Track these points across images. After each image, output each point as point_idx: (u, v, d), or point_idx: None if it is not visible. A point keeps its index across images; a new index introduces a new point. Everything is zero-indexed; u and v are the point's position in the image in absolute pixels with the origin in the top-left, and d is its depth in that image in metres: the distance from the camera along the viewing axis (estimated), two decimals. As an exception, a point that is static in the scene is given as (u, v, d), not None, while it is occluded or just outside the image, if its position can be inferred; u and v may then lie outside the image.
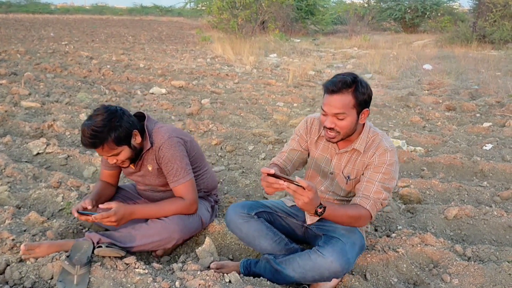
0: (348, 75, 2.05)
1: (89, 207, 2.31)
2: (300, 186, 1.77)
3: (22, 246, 2.26)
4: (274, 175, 1.79)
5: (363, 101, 2.05)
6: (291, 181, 1.78)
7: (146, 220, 2.43)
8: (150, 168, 2.49)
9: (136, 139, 2.36)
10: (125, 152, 2.32)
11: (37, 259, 2.27)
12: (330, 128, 2.09)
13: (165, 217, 2.40)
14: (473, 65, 10.53)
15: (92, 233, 2.33)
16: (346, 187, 2.30)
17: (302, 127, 2.42)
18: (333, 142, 2.18)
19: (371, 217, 2.09)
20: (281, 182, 1.78)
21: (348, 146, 2.24)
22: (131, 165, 2.50)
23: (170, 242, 2.39)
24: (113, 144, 2.23)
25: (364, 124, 2.21)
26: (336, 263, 1.99)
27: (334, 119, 2.06)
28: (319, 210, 1.89)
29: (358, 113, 2.08)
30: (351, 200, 2.23)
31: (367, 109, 2.11)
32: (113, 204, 2.24)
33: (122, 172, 2.70)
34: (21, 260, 2.29)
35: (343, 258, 2.02)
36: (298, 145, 2.41)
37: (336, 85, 2.01)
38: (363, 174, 2.21)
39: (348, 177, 2.27)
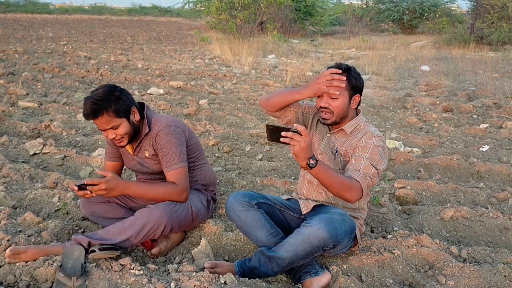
0: (343, 64, 2.30)
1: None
2: (297, 131, 1.86)
3: (7, 251, 2.22)
4: (272, 126, 1.90)
5: (355, 86, 2.27)
6: (288, 129, 1.87)
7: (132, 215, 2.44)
8: (147, 154, 2.56)
9: (135, 116, 2.45)
10: (124, 126, 2.39)
11: (27, 262, 2.23)
12: (324, 108, 2.26)
13: (154, 201, 2.44)
14: (470, 66, 10.55)
15: (79, 236, 2.30)
16: (334, 165, 2.37)
17: (314, 105, 2.55)
18: (327, 124, 2.35)
19: (362, 190, 2.12)
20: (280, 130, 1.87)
21: (338, 129, 2.40)
22: (129, 148, 2.58)
23: (159, 228, 2.38)
24: (113, 114, 2.32)
25: (356, 112, 2.41)
26: (324, 229, 2.05)
27: (328, 99, 2.25)
28: (312, 162, 1.95)
29: (350, 97, 2.27)
30: None
31: (359, 95, 2.31)
32: (109, 173, 2.31)
33: (124, 165, 2.76)
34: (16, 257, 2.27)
35: (330, 225, 2.07)
36: (299, 106, 2.52)
37: (333, 67, 2.26)
38: (351, 156, 2.29)
39: (336, 151, 2.37)
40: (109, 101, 2.30)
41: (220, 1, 18.32)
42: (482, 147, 4.54)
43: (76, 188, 2.26)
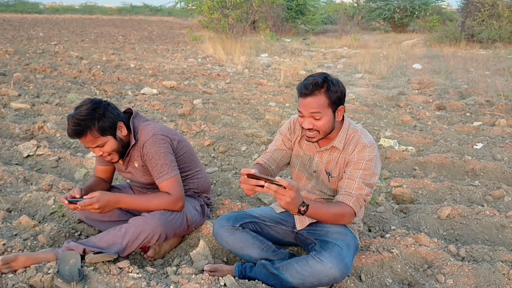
0: (319, 75, 2.10)
1: (78, 196, 2.30)
2: (281, 185, 1.79)
3: None
4: (254, 176, 1.80)
5: (336, 99, 2.10)
6: (272, 181, 1.80)
7: (126, 221, 2.40)
8: (136, 165, 2.49)
9: (122, 131, 2.37)
10: (110, 144, 2.32)
11: (16, 272, 2.18)
12: (308, 129, 2.13)
13: (149, 212, 2.38)
14: (462, 64, 10.62)
15: (72, 243, 2.26)
16: (330, 185, 2.31)
17: (286, 126, 2.44)
18: (313, 142, 2.22)
19: (355, 214, 2.12)
20: (262, 182, 1.80)
21: (328, 144, 2.27)
22: (120, 161, 2.51)
23: (153, 237, 2.35)
24: (97, 133, 2.25)
25: (343, 121, 2.25)
26: (336, 268, 2.00)
27: (311, 120, 2.11)
28: (302, 209, 1.91)
29: (334, 111, 2.12)
30: None
31: (342, 106, 2.15)
32: (96, 193, 2.24)
33: (116, 170, 2.69)
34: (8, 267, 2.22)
35: (342, 263, 2.03)
36: (283, 144, 2.43)
37: (308, 88, 2.06)
38: (344, 171, 2.22)
39: (329, 174, 2.29)
40: (92, 120, 2.21)
41: (212, 0, 18.27)
42: (476, 145, 4.56)
43: (66, 202, 2.23)
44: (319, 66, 11.08)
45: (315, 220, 2.34)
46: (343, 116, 2.25)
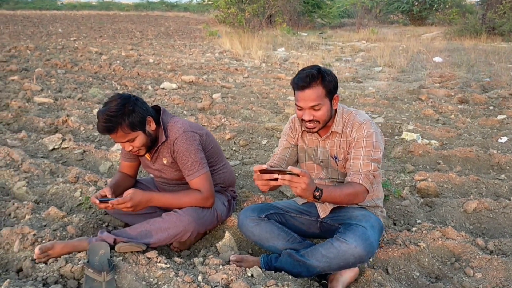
0: (312, 67, 2.17)
1: (109, 195, 2.33)
2: (294, 174, 1.83)
3: (36, 250, 2.22)
4: (266, 170, 1.85)
5: (332, 88, 2.18)
6: (284, 172, 1.84)
7: (160, 214, 2.43)
8: (165, 162, 2.50)
9: (151, 126, 2.38)
10: (140, 138, 2.33)
11: (56, 258, 2.24)
12: (309, 121, 2.19)
13: (180, 209, 2.40)
14: (483, 57, 10.43)
15: (105, 233, 2.30)
16: (339, 169, 2.36)
17: (287, 126, 2.53)
18: (314, 132, 2.29)
19: (367, 191, 2.16)
20: (275, 175, 1.84)
21: (328, 132, 2.34)
22: (147, 155, 2.53)
23: (185, 234, 2.37)
24: (128, 128, 2.25)
25: (336, 108, 2.31)
26: (360, 247, 2.03)
27: (311, 111, 2.17)
28: (317, 194, 1.96)
29: (331, 100, 2.20)
30: None
31: (337, 94, 2.23)
32: (130, 191, 2.27)
33: (141, 165, 2.72)
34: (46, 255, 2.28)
35: (367, 241, 2.05)
36: (288, 143, 2.50)
37: (305, 80, 2.12)
38: (349, 153, 2.28)
39: (336, 158, 2.34)
40: (123, 116, 2.22)
41: (228, -6, 18.28)
42: (501, 139, 4.49)
43: (97, 202, 2.27)
44: (337, 59, 11.00)
45: (337, 205, 2.39)
46: None
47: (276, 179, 1.83)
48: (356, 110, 2.35)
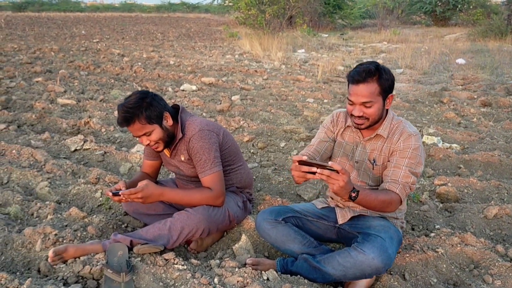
0: (371, 63, 2.12)
1: (123, 189, 2.39)
2: (334, 170, 1.79)
3: (50, 253, 2.26)
4: (305, 162, 1.82)
5: (387, 87, 2.13)
6: (324, 166, 1.80)
7: (171, 214, 2.47)
8: (182, 158, 2.56)
9: (168, 121, 2.45)
10: (156, 132, 2.40)
11: (75, 259, 2.29)
12: (358, 117, 2.15)
13: (190, 207, 2.44)
14: (508, 59, 10.22)
15: (119, 235, 2.34)
16: (374, 173, 2.30)
17: (329, 120, 2.49)
18: (361, 129, 2.24)
19: (401, 201, 2.12)
20: (314, 169, 1.81)
21: (372, 133, 2.29)
22: (166, 151, 2.60)
23: (197, 232, 2.41)
24: (145, 121, 2.34)
25: (387, 111, 2.27)
26: (378, 259, 2.00)
27: (362, 108, 2.13)
28: (353, 194, 1.92)
29: (384, 99, 2.16)
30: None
31: (392, 94, 2.19)
32: (144, 182, 2.34)
33: (162, 165, 2.78)
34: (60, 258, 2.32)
35: (384, 254, 2.02)
36: (326, 136, 2.45)
37: (361, 75, 2.08)
38: (389, 160, 2.23)
39: (374, 162, 2.29)
40: (140, 108, 2.33)
41: (249, -4, 18.34)
42: (525, 143, 4.39)
43: (111, 194, 2.33)
44: (358, 61, 10.91)
45: (357, 214, 2.36)
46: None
47: (314, 173, 1.81)
48: (405, 120, 2.31)
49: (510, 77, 8.11)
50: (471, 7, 23.25)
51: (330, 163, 1.80)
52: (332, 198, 2.54)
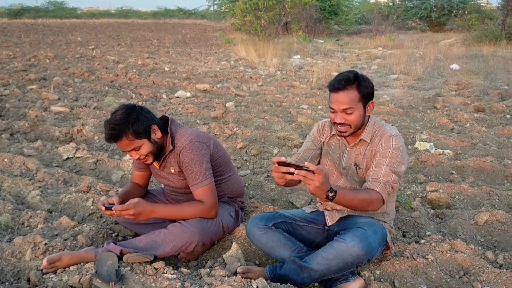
0: (350, 72, 2.22)
1: (116, 205, 2.37)
2: (310, 170, 1.84)
3: (44, 262, 2.26)
4: (284, 163, 1.88)
5: (367, 94, 2.23)
6: (301, 167, 1.86)
7: (161, 224, 2.47)
8: (172, 170, 2.55)
9: (156, 134, 2.43)
10: (145, 146, 2.38)
11: (65, 269, 2.28)
12: (340, 124, 2.23)
13: (184, 220, 2.43)
14: (502, 64, 10.28)
15: (111, 245, 2.34)
16: (359, 176, 2.37)
17: (315, 129, 2.57)
18: (345, 136, 2.32)
19: (383, 200, 2.16)
20: (291, 169, 1.86)
21: (356, 139, 2.36)
22: (156, 163, 2.58)
23: (190, 245, 2.41)
24: (132, 136, 2.32)
25: (369, 117, 2.35)
26: (358, 246, 2.06)
27: (343, 115, 2.21)
28: (330, 194, 1.96)
29: (365, 106, 2.24)
30: None
31: (372, 101, 2.28)
32: (135, 200, 2.33)
33: (152, 175, 2.76)
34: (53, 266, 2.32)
35: (365, 241, 2.08)
36: (313, 145, 2.52)
37: (340, 83, 2.18)
38: (372, 162, 2.29)
39: (357, 165, 2.36)
40: (127, 124, 2.29)
41: (244, 3, 18.39)
42: (517, 148, 4.41)
43: (103, 208, 2.32)
44: (353, 67, 10.96)
45: (345, 215, 2.41)
46: None
47: (292, 173, 1.86)
48: (386, 123, 2.39)
49: (504, 83, 8.15)
50: (466, 12, 23.43)
51: (306, 163, 1.85)
52: (321, 203, 2.59)
